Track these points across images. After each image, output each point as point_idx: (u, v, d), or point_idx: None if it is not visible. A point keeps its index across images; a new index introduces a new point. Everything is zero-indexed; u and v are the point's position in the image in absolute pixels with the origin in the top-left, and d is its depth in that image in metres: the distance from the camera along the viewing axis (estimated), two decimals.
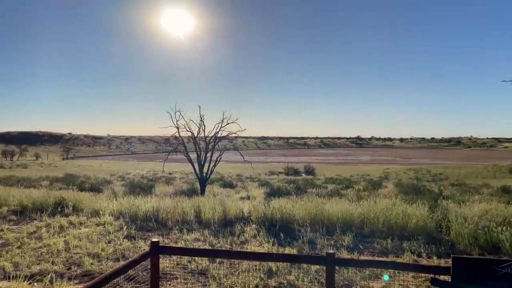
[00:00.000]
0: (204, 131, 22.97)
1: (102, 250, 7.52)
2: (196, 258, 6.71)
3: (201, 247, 7.83)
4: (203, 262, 6.69)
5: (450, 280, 3.97)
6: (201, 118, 22.89)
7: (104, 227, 9.53)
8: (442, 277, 4.39)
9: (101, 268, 6.59)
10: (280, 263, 6.44)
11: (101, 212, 10.86)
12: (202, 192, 20.84)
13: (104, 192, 19.03)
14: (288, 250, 7.60)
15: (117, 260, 7.06)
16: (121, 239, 8.33)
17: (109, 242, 8.16)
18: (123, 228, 9.32)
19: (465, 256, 6.50)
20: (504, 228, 8.24)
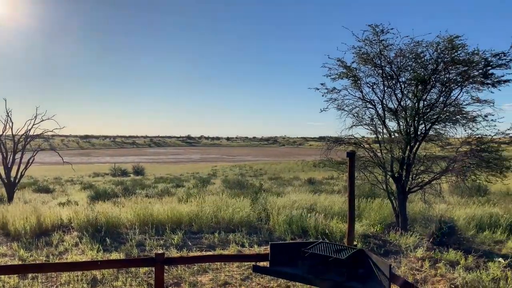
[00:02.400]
0: (11, 129, 19.74)
1: None
2: (2, 276, 5.71)
3: (8, 263, 6.69)
4: (12, 280, 5.74)
5: (268, 266, 4.42)
6: (7, 113, 19.61)
7: None
8: (262, 264, 4.84)
9: None
10: (107, 270, 6.04)
11: None
12: (10, 199, 17.89)
13: None
14: (115, 256, 7.19)
15: None
16: None
17: None
18: None
19: (280, 242, 7.33)
20: (310, 214, 9.64)
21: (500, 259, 7.35)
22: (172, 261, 5.05)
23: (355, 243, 5.30)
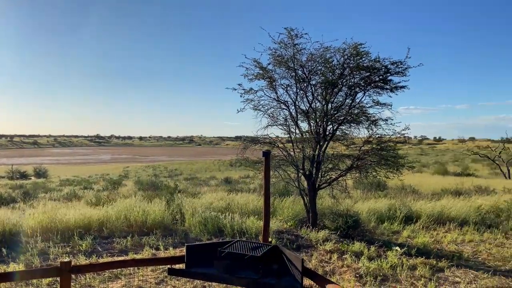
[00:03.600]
0: None
1: None
2: None
3: None
4: None
5: (184, 268, 4.35)
6: None
7: None
8: (178, 266, 4.76)
9: None
10: (2, 284, 5.43)
11: None
12: None
13: None
14: (12, 267, 6.50)
15: None
16: None
17: None
18: None
19: (196, 243, 7.25)
20: (227, 213, 9.70)
21: (397, 247, 8.14)
22: (80, 269, 4.71)
23: (270, 239, 5.46)
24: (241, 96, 10.06)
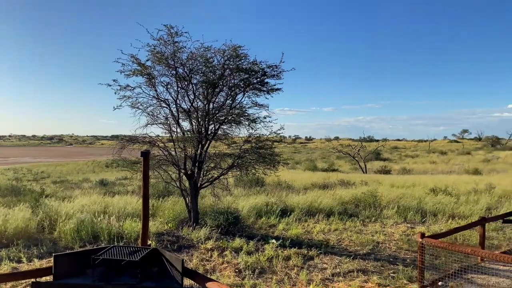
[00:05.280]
0: None
1: None
2: None
3: None
4: None
5: (52, 280, 3.95)
6: None
7: None
8: (45, 279, 4.30)
9: None
10: None
11: None
12: None
13: None
14: None
15: None
16: None
17: None
18: None
19: (66, 252, 6.64)
20: (102, 217, 9.09)
21: (273, 240, 8.66)
22: None
23: (149, 242, 5.30)
24: (115, 93, 9.56)
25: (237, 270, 6.92)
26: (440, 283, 6.38)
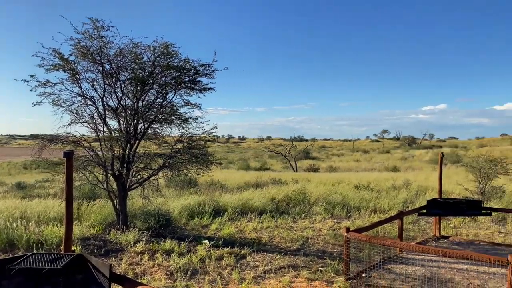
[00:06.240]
0: None
1: None
2: None
3: None
4: None
5: None
6: None
7: None
8: None
9: None
10: None
11: None
12: None
13: None
14: None
15: None
16: None
17: None
18: None
19: None
20: (20, 223, 8.38)
21: (206, 241, 8.61)
22: None
23: (73, 248, 4.99)
24: (32, 90, 8.88)
25: (168, 273, 6.78)
26: (364, 275, 6.80)
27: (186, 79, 9.79)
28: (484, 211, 9.25)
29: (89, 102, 9.39)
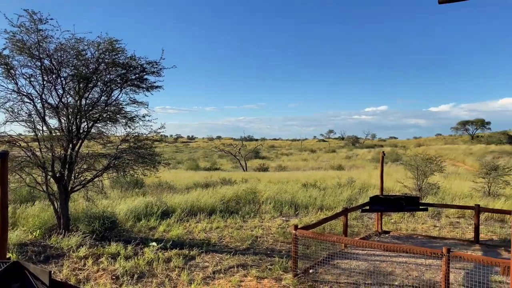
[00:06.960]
0: None
1: None
2: None
3: None
4: None
5: None
6: None
7: None
8: None
9: None
10: None
11: None
12: None
13: None
14: None
15: None
16: None
17: None
18: None
19: None
20: None
21: (153, 243, 8.41)
22: None
23: (8, 255, 4.67)
24: None
25: (114, 277, 6.54)
26: (311, 271, 6.99)
27: (133, 77, 9.51)
28: (422, 207, 9.86)
29: (26, 100, 8.84)
